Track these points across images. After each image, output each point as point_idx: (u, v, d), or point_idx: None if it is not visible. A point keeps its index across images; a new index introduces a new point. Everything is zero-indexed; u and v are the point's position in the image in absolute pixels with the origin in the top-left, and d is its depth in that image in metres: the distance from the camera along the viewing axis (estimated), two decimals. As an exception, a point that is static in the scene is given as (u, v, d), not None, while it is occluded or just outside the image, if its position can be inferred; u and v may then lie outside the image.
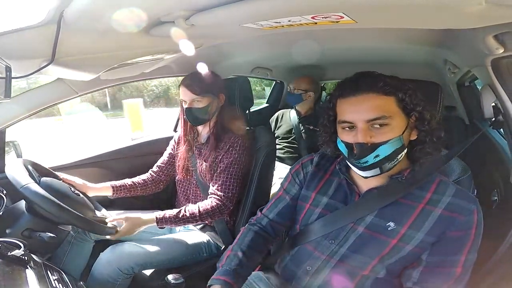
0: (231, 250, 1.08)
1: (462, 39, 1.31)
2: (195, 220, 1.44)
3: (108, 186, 1.58)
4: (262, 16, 0.83)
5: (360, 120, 0.88)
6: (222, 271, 1.01)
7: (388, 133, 0.87)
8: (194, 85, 1.50)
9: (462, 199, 0.88)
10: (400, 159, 0.90)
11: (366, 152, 0.87)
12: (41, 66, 0.88)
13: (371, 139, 0.87)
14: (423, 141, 0.93)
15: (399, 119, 0.88)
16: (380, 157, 0.87)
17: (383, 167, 0.89)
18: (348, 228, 0.97)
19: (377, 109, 0.87)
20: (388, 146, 0.87)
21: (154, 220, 1.40)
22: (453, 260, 0.88)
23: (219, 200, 1.47)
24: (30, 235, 1.09)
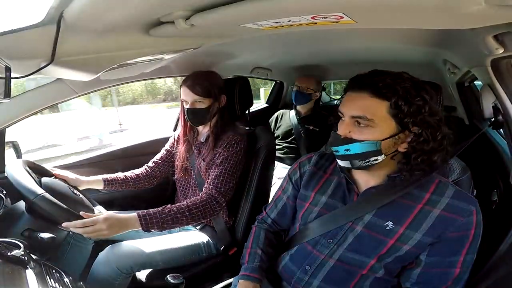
0: (250, 248, 1.16)
1: (461, 39, 1.31)
2: (184, 217, 1.33)
3: (99, 180, 1.57)
4: (262, 16, 0.83)
5: (346, 114, 0.91)
6: (249, 268, 1.10)
7: (366, 134, 0.88)
8: (197, 86, 1.49)
9: (461, 200, 0.88)
10: (374, 162, 0.90)
11: (337, 142, 0.92)
12: (41, 66, 0.87)
13: (349, 133, 0.90)
14: (408, 157, 0.91)
15: (384, 124, 0.87)
16: (350, 152, 0.90)
17: (354, 162, 0.92)
18: (346, 227, 0.97)
19: (362, 108, 0.88)
20: (361, 146, 0.89)
21: (138, 222, 1.26)
22: (451, 261, 0.88)
23: (210, 193, 1.42)
24: (30, 235, 1.09)
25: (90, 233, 1.17)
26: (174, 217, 1.31)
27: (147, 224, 1.26)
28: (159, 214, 1.29)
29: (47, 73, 1.04)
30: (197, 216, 1.36)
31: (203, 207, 1.37)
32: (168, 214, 1.30)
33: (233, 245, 1.54)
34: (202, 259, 1.51)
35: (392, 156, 0.92)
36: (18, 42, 0.81)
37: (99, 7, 0.73)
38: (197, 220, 1.37)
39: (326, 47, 1.99)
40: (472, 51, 1.29)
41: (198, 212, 1.36)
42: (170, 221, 1.30)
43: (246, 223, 1.54)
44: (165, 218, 1.29)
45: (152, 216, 1.27)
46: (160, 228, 1.28)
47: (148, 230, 1.27)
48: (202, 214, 1.37)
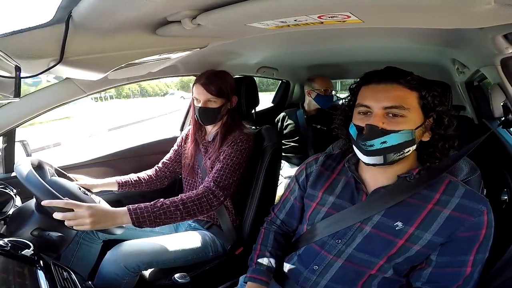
0: (259, 250, 1.16)
1: (470, 39, 1.30)
2: (178, 211, 1.25)
3: (113, 182, 1.59)
4: (268, 16, 0.83)
5: (377, 106, 0.89)
6: (257, 270, 1.10)
7: (402, 123, 0.88)
8: (211, 85, 1.49)
9: (472, 200, 0.87)
10: (406, 153, 0.90)
11: (374, 135, 0.88)
12: (50, 65, 0.89)
13: (383, 124, 0.88)
14: (434, 145, 0.93)
15: (416, 114, 0.89)
16: (387, 145, 0.88)
17: (388, 156, 0.89)
18: (355, 228, 0.97)
19: (396, 98, 0.88)
20: (398, 136, 0.87)
21: (127, 216, 1.18)
22: (462, 260, 0.87)
23: (207, 187, 1.37)
24: (39, 234, 1.10)
25: (71, 219, 1.09)
26: (167, 211, 1.24)
27: (138, 219, 1.19)
28: (150, 208, 1.22)
29: (56, 73, 1.05)
30: (192, 211, 1.29)
31: (198, 200, 1.32)
32: (161, 208, 1.23)
33: (239, 244, 1.54)
34: (208, 258, 1.51)
35: (417, 147, 0.93)
36: (27, 42, 0.82)
37: (107, 6, 0.73)
38: (192, 215, 1.30)
39: (333, 47, 1.98)
40: (482, 51, 1.28)
41: (194, 206, 1.30)
42: (163, 215, 1.23)
43: (252, 222, 1.54)
44: (157, 212, 1.22)
45: (143, 210, 1.21)
46: (152, 223, 1.21)
47: (140, 226, 1.20)
48: (198, 209, 1.31)
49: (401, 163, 0.93)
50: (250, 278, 1.09)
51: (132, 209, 1.19)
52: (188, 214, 1.28)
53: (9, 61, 0.79)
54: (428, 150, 0.95)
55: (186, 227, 1.65)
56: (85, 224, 1.10)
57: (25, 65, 0.84)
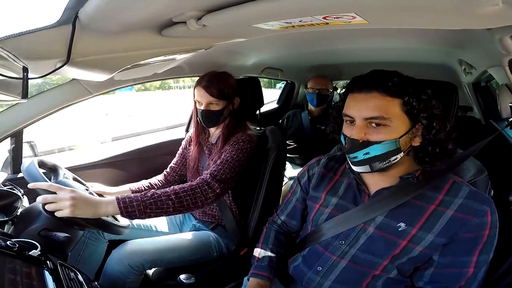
0: (260, 248, 1.17)
1: (478, 40, 1.29)
2: (170, 200, 1.20)
3: (127, 189, 1.59)
4: (273, 17, 0.83)
5: (358, 116, 0.88)
6: (259, 267, 1.11)
7: (384, 134, 0.86)
8: (212, 87, 1.48)
9: (475, 200, 0.86)
10: (393, 161, 0.89)
11: (356, 148, 0.89)
12: (57, 66, 0.90)
13: (365, 136, 0.87)
14: (425, 150, 0.91)
15: (399, 122, 0.87)
16: (370, 155, 0.88)
17: (373, 165, 0.89)
18: (358, 229, 0.96)
19: (377, 108, 0.86)
20: (381, 147, 0.87)
21: (115, 205, 1.12)
22: (464, 261, 0.87)
23: (203, 178, 1.33)
24: (46, 234, 1.11)
25: (50, 200, 1.04)
26: (158, 200, 1.18)
27: (127, 208, 1.13)
28: (140, 198, 1.16)
29: (63, 73, 1.06)
30: (185, 201, 1.23)
31: (192, 191, 1.26)
32: (151, 197, 1.18)
33: (244, 245, 1.54)
34: (213, 258, 1.51)
35: (408, 152, 0.91)
36: (34, 43, 0.83)
37: (113, 7, 0.74)
38: (186, 207, 1.24)
39: (339, 47, 1.98)
40: (489, 51, 1.27)
41: (187, 197, 1.24)
42: (154, 205, 1.17)
43: (256, 223, 1.53)
44: (147, 201, 1.16)
45: (132, 199, 1.15)
46: (142, 214, 1.15)
47: (130, 217, 1.14)
48: (192, 200, 1.25)
49: (397, 167, 0.92)
50: (252, 274, 1.10)
51: (120, 198, 1.14)
52: (181, 205, 1.23)
53: (17, 62, 0.80)
54: (419, 154, 0.93)
55: (190, 227, 1.66)
56: (64, 207, 1.04)
57: (32, 66, 0.85)
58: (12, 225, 1.16)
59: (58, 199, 1.05)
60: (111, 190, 1.55)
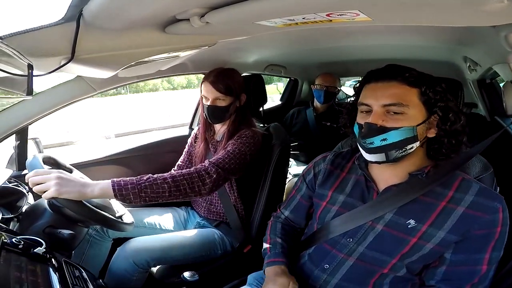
0: (270, 239, 1.17)
1: (483, 37, 1.28)
2: (166, 184, 1.17)
3: None
4: (276, 14, 0.83)
5: (376, 103, 0.89)
6: (273, 254, 1.10)
7: (402, 120, 0.87)
8: (220, 83, 1.49)
9: (486, 197, 0.86)
10: (410, 150, 0.89)
11: (373, 133, 0.89)
12: (62, 63, 0.90)
13: (382, 122, 0.88)
14: (440, 141, 0.92)
15: (417, 110, 0.88)
16: (387, 142, 0.88)
17: (389, 153, 0.89)
18: (366, 226, 0.96)
19: (395, 96, 0.87)
20: (398, 133, 0.87)
21: (110, 188, 1.10)
22: (477, 258, 0.86)
23: (203, 165, 1.32)
24: (51, 232, 1.12)
25: (37, 182, 1.03)
26: (154, 183, 1.16)
27: (121, 191, 1.11)
28: (136, 180, 1.14)
29: (67, 71, 1.06)
30: (182, 186, 1.21)
31: (189, 175, 1.24)
32: (147, 180, 1.16)
33: (248, 242, 1.54)
34: (217, 256, 1.52)
35: (422, 143, 0.92)
36: (39, 40, 0.84)
37: (117, 5, 0.74)
38: (183, 191, 1.21)
39: (343, 44, 1.97)
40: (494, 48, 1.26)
41: (184, 181, 1.21)
42: (149, 188, 1.14)
43: (260, 220, 1.54)
44: (142, 184, 1.14)
45: (127, 182, 1.13)
46: (137, 197, 1.13)
47: (124, 200, 1.12)
48: (189, 185, 1.22)
49: (409, 160, 0.92)
50: (268, 263, 1.08)
51: (116, 181, 1.12)
52: (177, 189, 1.20)
53: (22, 59, 0.80)
54: (434, 146, 0.94)
55: (195, 224, 1.66)
56: (49, 187, 1.02)
57: (37, 63, 0.85)
58: (17, 222, 1.17)
59: (44, 180, 1.04)
60: None
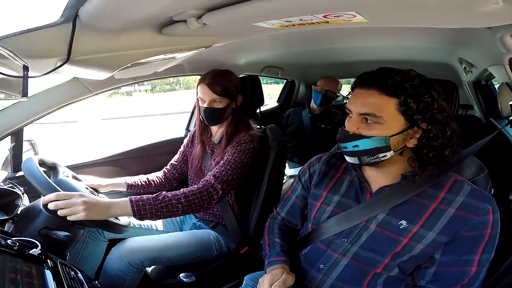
0: (268, 240, 1.17)
1: (478, 38, 1.29)
2: (180, 203, 1.25)
3: (122, 182, 1.59)
4: (273, 15, 0.83)
5: (354, 110, 0.91)
6: (274, 254, 1.10)
7: (374, 130, 0.88)
8: (216, 85, 1.48)
9: (477, 199, 0.86)
10: (382, 158, 0.90)
11: (345, 139, 0.92)
12: (57, 65, 0.89)
13: (357, 129, 0.90)
14: (418, 153, 0.91)
15: (393, 121, 0.87)
16: (358, 148, 0.90)
17: (362, 158, 0.92)
18: (360, 226, 0.97)
19: (370, 105, 0.88)
20: (369, 142, 0.88)
21: (129, 207, 1.17)
22: (467, 260, 0.87)
23: (207, 180, 1.37)
24: (46, 233, 1.11)
25: (62, 206, 1.08)
26: (169, 204, 1.23)
27: (140, 211, 1.18)
28: (153, 201, 1.21)
29: (63, 72, 1.06)
30: (193, 204, 1.28)
31: (200, 194, 1.31)
32: (163, 201, 1.22)
33: (244, 244, 1.54)
34: (213, 257, 1.51)
35: (401, 152, 0.91)
36: (35, 41, 0.83)
37: (113, 6, 0.74)
38: (194, 208, 1.29)
39: (339, 46, 1.98)
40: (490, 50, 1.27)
41: (195, 200, 1.29)
42: (165, 208, 1.22)
43: (257, 221, 1.54)
44: (159, 205, 1.21)
45: (145, 202, 1.20)
46: (153, 216, 1.21)
47: (141, 218, 1.20)
48: (199, 202, 1.30)
49: (397, 163, 0.93)
50: (269, 263, 1.07)
51: (134, 201, 1.18)
52: (189, 207, 1.28)
53: (17, 61, 0.80)
54: (413, 156, 0.92)
55: (191, 226, 1.66)
56: (78, 212, 1.08)
57: (32, 64, 0.85)
58: (12, 224, 1.16)
59: (70, 204, 1.08)
60: (106, 182, 1.55)
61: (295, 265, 1.10)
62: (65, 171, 1.39)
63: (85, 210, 1.09)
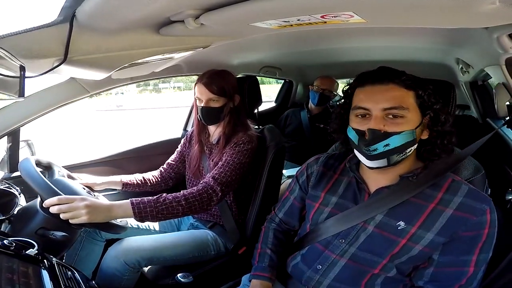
0: (260, 249, 1.17)
1: (475, 38, 1.30)
2: (180, 206, 1.26)
3: (118, 181, 1.59)
4: (271, 16, 0.83)
5: (376, 107, 0.88)
6: (260, 268, 1.11)
7: (402, 124, 0.87)
8: (213, 84, 1.49)
9: (474, 199, 0.87)
10: (408, 153, 0.90)
11: (378, 139, 0.87)
12: (54, 65, 0.89)
13: (384, 127, 0.87)
14: (433, 142, 0.93)
15: (415, 114, 0.89)
16: (390, 147, 0.87)
17: (391, 158, 0.89)
18: (358, 227, 0.97)
19: (395, 99, 0.87)
20: (400, 137, 0.87)
21: (130, 209, 1.19)
22: (465, 260, 0.87)
23: (206, 182, 1.38)
24: (43, 233, 1.11)
25: (65, 211, 1.09)
26: (170, 206, 1.25)
27: (141, 213, 1.20)
28: (154, 203, 1.22)
29: (60, 72, 1.05)
30: (193, 206, 1.30)
31: (199, 196, 1.32)
32: (163, 203, 1.24)
33: (242, 244, 1.54)
34: (211, 257, 1.51)
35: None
36: (32, 42, 0.83)
37: (110, 6, 0.74)
38: (193, 210, 1.32)
39: (336, 46, 1.98)
40: (486, 50, 1.28)
41: (195, 202, 1.31)
42: (165, 210, 1.24)
43: (255, 221, 1.54)
44: (160, 207, 1.23)
45: (146, 204, 1.21)
46: (154, 218, 1.23)
47: (142, 220, 1.21)
48: (199, 204, 1.32)
49: (402, 163, 0.93)
50: (254, 276, 1.10)
51: (135, 203, 1.20)
52: (189, 209, 1.30)
53: (14, 61, 0.80)
54: (426, 147, 0.94)
55: (188, 226, 1.65)
56: (81, 215, 1.10)
57: (29, 64, 0.84)
58: (9, 224, 1.16)
59: (73, 208, 1.10)
60: (101, 180, 1.54)
61: (292, 265, 1.10)
62: (60, 170, 1.38)
63: (88, 214, 1.10)
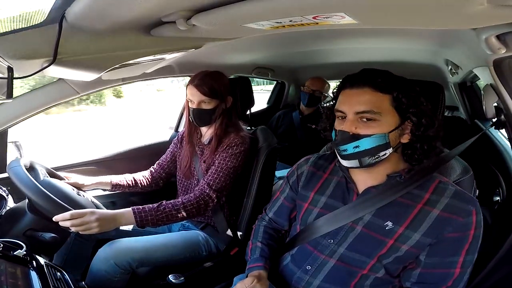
0: (251, 244, 1.19)
1: (464, 39, 1.31)
2: (179, 213, 1.35)
3: (107, 181, 1.57)
4: (263, 16, 0.83)
5: (350, 111, 0.91)
6: (253, 260, 1.12)
7: (373, 128, 0.89)
8: (204, 86, 1.47)
9: (460, 200, 0.88)
10: (383, 157, 0.91)
11: (346, 140, 0.90)
12: (43, 66, 0.88)
13: (355, 129, 0.89)
14: (413, 147, 0.93)
15: (389, 117, 0.90)
16: (360, 149, 0.89)
17: (363, 160, 0.91)
18: (347, 227, 0.97)
19: (367, 103, 0.89)
20: (370, 140, 0.88)
21: (132, 218, 1.27)
22: (451, 261, 0.88)
23: (202, 189, 1.43)
24: (32, 235, 1.10)
25: (78, 225, 1.15)
26: (169, 214, 1.33)
27: (142, 221, 1.27)
28: (154, 212, 1.30)
29: (49, 73, 1.04)
30: (191, 212, 1.38)
31: (197, 203, 1.39)
32: (163, 211, 1.32)
33: (234, 245, 1.54)
34: (202, 258, 1.50)
35: (396, 149, 0.93)
36: (20, 42, 0.82)
37: (100, 7, 0.73)
38: (191, 216, 1.39)
39: (328, 47, 1.99)
40: (475, 51, 1.29)
41: (193, 209, 1.38)
42: (165, 218, 1.32)
43: (247, 222, 1.54)
44: (160, 215, 1.30)
45: (147, 213, 1.29)
46: (154, 224, 1.30)
47: (143, 227, 1.29)
48: (196, 210, 1.39)
49: (385, 164, 0.94)
50: (249, 269, 1.10)
51: (137, 212, 1.27)
52: (188, 216, 1.37)
53: (1, 62, 0.79)
54: (407, 151, 0.95)
55: (179, 227, 1.64)
56: (92, 228, 1.17)
57: (17, 65, 0.83)
58: (-4, 226, 1.14)
59: (85, 222, 1.17)
60: (89, 181, 1.52)
61: (282, 266, 1.11)
62: (41, 168, 1.36)
63: (99, 226, 1.18)
